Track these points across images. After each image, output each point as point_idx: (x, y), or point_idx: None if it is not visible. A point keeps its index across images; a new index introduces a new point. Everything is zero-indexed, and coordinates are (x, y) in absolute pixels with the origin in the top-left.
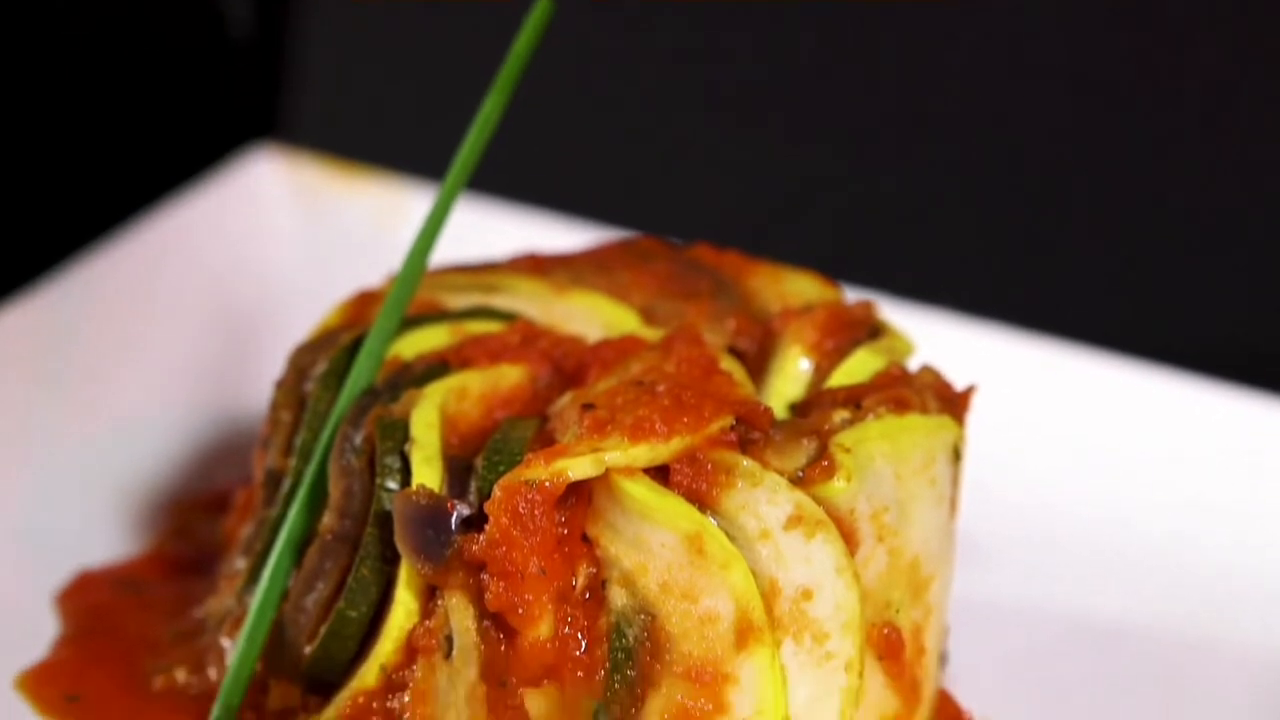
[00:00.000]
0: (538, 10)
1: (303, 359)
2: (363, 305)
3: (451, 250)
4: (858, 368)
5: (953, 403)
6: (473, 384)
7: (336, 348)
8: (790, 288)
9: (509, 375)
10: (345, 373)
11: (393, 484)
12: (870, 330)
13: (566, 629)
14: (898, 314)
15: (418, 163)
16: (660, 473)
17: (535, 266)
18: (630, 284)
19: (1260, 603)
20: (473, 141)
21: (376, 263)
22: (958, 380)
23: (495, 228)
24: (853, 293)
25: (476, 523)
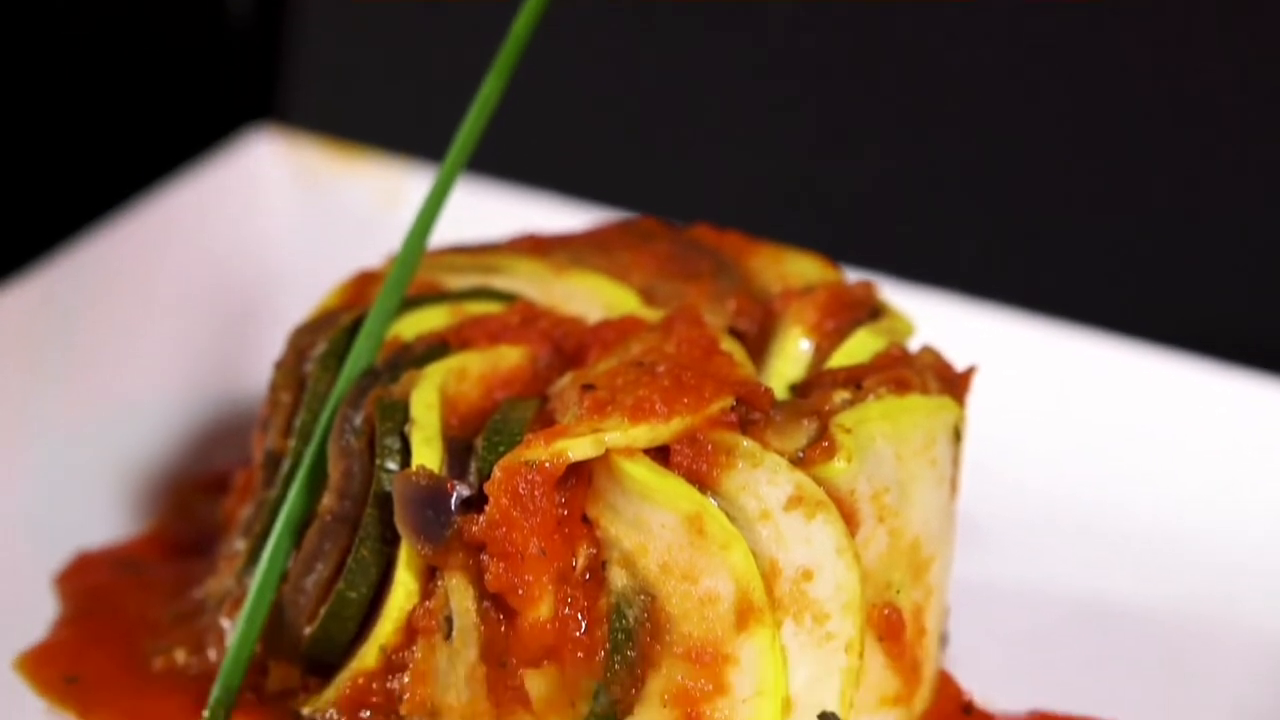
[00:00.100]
0: None
1: (302, 340)
2: (362, 286)
3: (451, 231)
4: (858, 348)
5: (953, 383)
6: (472, 365)
7: (336, 328)
8: (791, 268)
9: (509, 356)
10: (345, 354)
11: (392, 465)
12: (871, 311)
13: (566, 610)
14: (898, 295)
15: (417, 144)
16: (660, 453)
17: (535, 247)
18: (630, 264)
19: (1261, 585)
20: (472, 122)
21: (376, 244)
22: (958, 361)
23: (495, 209)
24: (853, 273)
25: (476, 503)
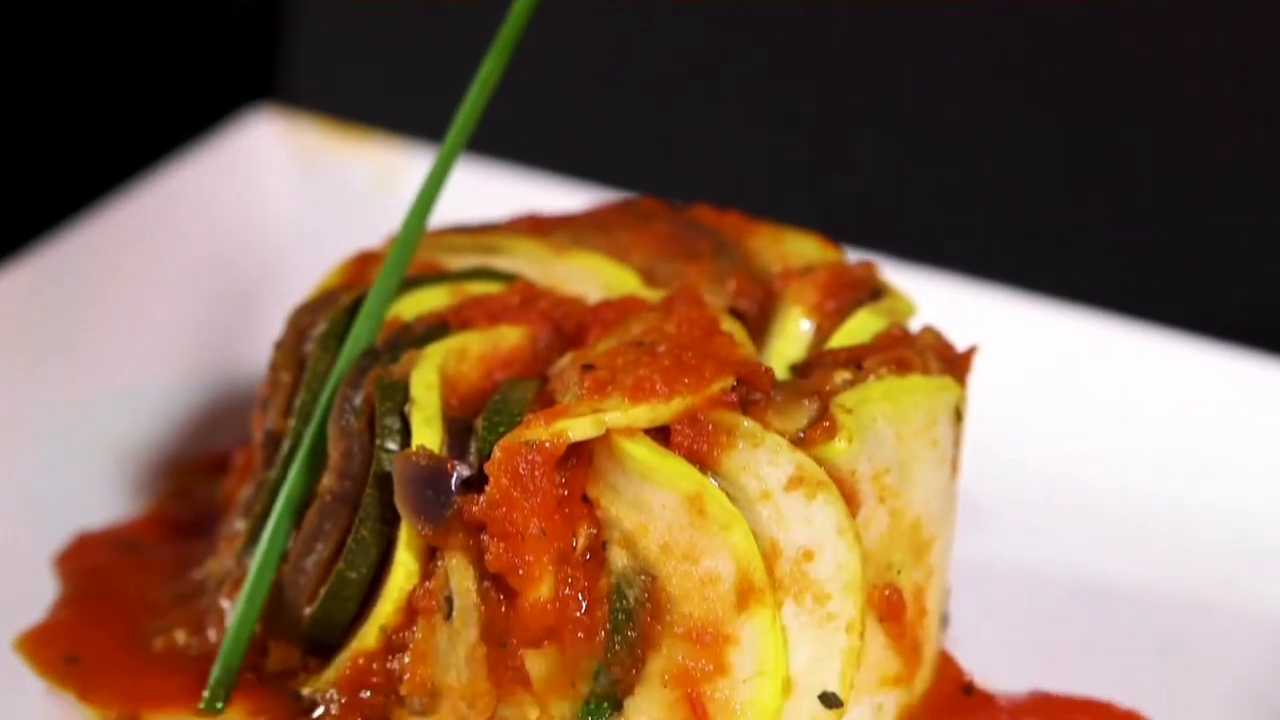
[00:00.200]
0: None
1: (302, 320)
2: (362, 266)
3: (451, 212)
4: (859, 328)
5: (954, 363)
6: (472, 345)
7: (336, 308)
8: (791, 248)
9: (509, 336)
10: (345, 334)
11: (392, 445)
12: (871, 291)
13: (567, 590)
14: (899, 275)
15: (417, 124)
16: (661, 433)
17: (535, 227)
18: (630, 245)
19: (1261, 564)
20: (472, 102)
21: (376, 224)
22: (959, 341)
23: (495, 189)
24: (854, 254)
25: (476, 484)
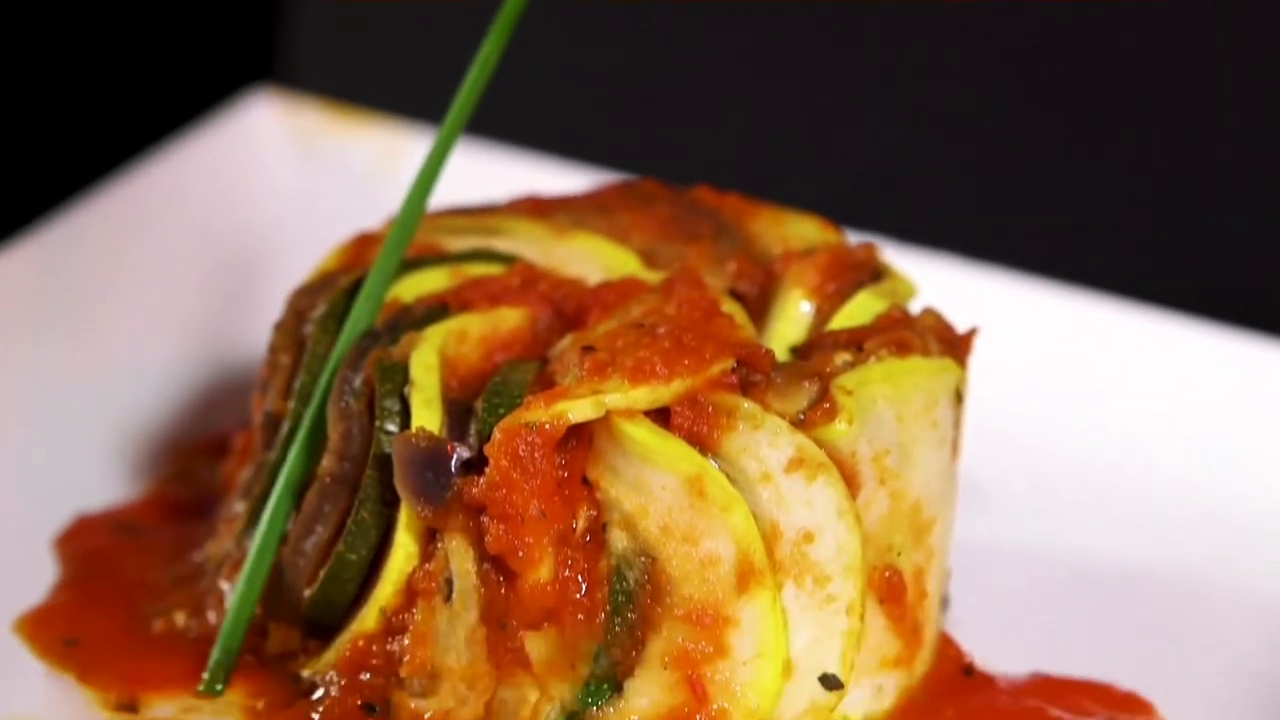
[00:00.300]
0: None
1: (301, 301)
2: (362, 248)
3: (451, 194)
4: (859, 310)
5: (955, 345)
6: (472, 326)
7: (335, 290)
8: (792, 230)
9: (509, 318)
10: (344, 315)
11: (392, 427)
12: (872, 273)
13: (567, 572)
14: (899, 257)
15: (416, 106)
16: (661, 415)
17: (535, 209)
18: (631, 226)
19: (1261, 545)
20: (471, 83)
21: (375, 206)
22: (960, 323)
23: (495, 171)
24: (854, 236)
25: (476, 465)
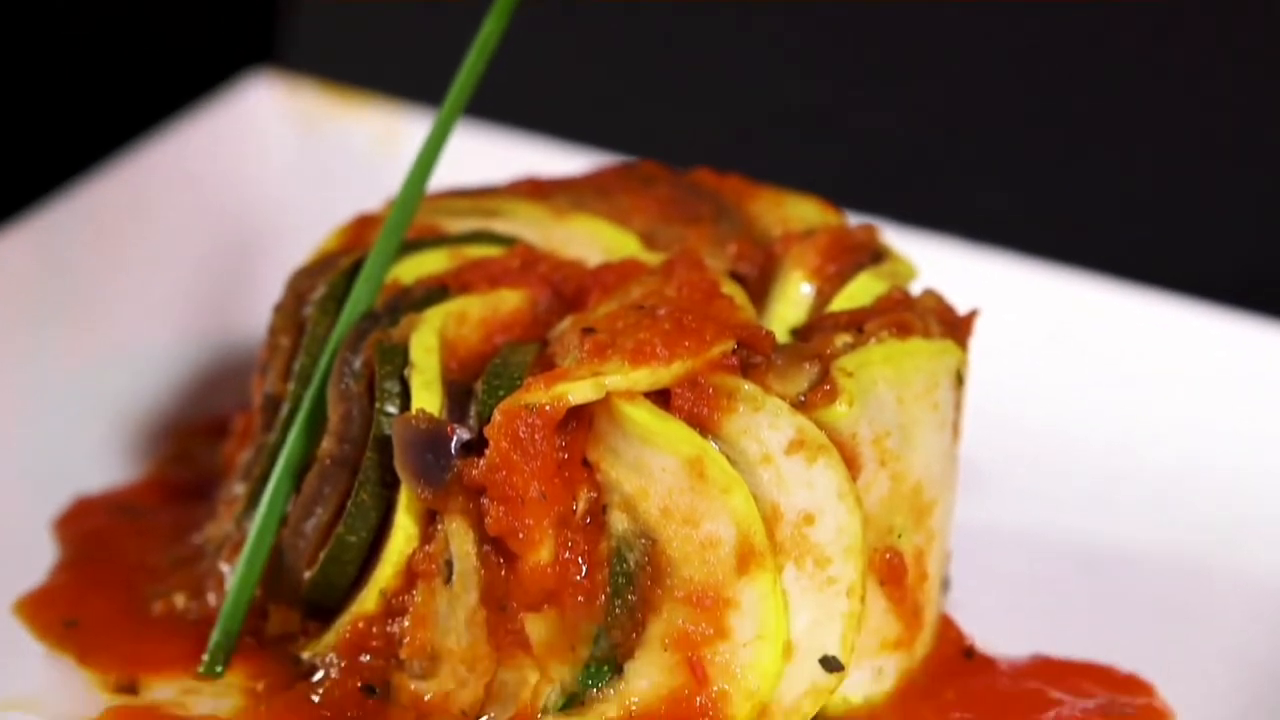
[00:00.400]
0: None
1: (301, 283)
2: (361, 229)
3: (451, 176)
4: (860, 292)
5: (955, 327)
6: (472, 308)
7: (335, 272)
8: (792, 212)
9: (509, 299)
10: (344, 297)
11: (392, 408)
12: (872, 254)
13: (567, 554)
14: (900, 239)
15: (416, 88)
16: (661, 397)
17: (535, 191)
18: (631, 208)
19: (1261, 528)
20: (471, 65)
21: (375, 187)
22: (960, 305)
23: (495, 153)
24: (855, 217)
25: (476, 447)
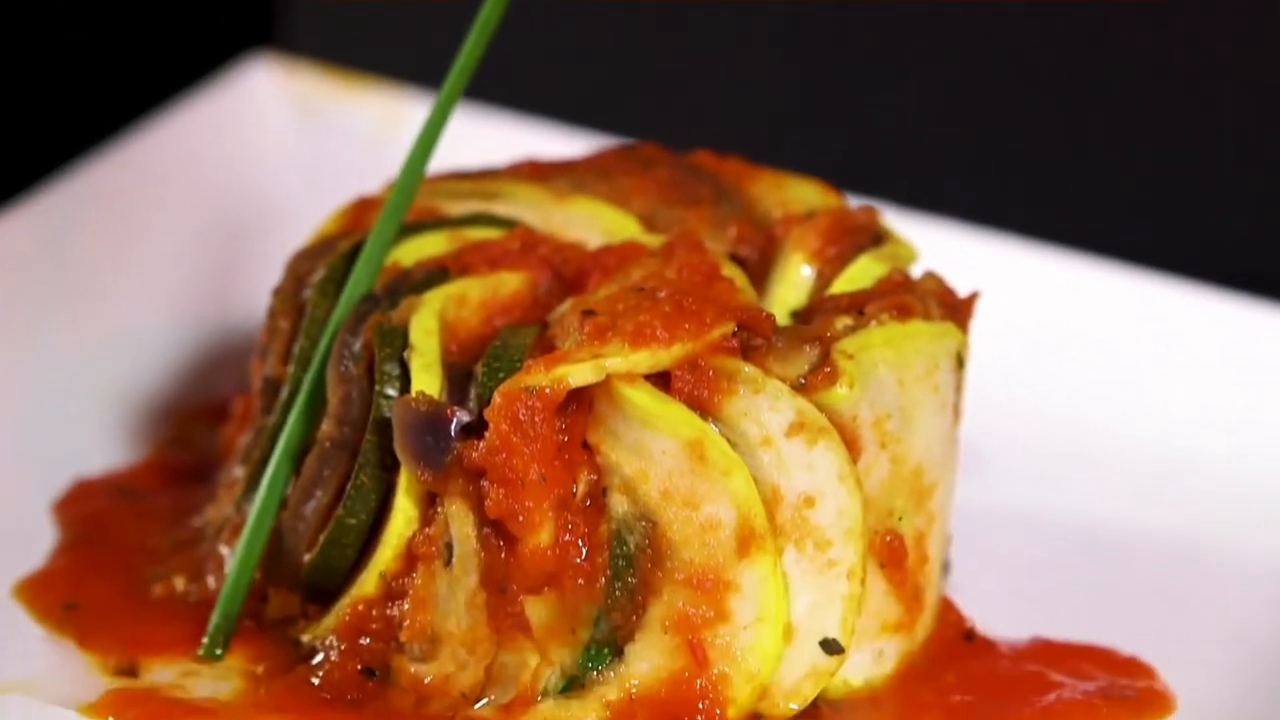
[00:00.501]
0: None
1: (301, 266)
2: (361, 212)
3: (452, 158)
4: (860, 274)
5: (956, 309)
6: (472, 291)
7: (335, 254)
8: (792, 194)
9: (509, 282)
10: (344, 279)
11: (392, 391)
12: (873, 237)
13: (567, 536)
14: (901, 221)
15: (416, 71)
16: (661, 379)
17: (536, 173)
18: (631, 190)
19: (1262, 511)
20: (471, 47)
21: (375, 170)
22: (961, 287)
23: (496, 136)
24: (855, 200)
25: (476, 429)
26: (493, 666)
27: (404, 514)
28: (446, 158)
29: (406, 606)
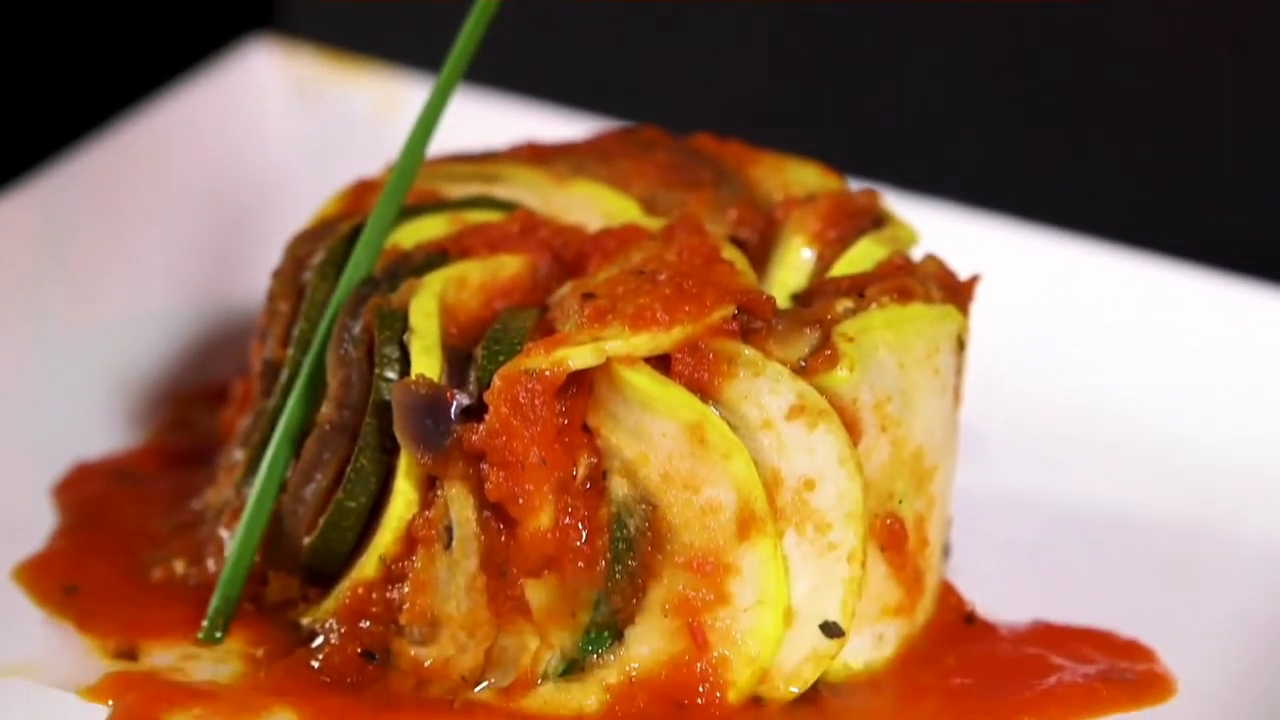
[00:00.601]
0: None
1: (300, 248)
2: (361, 194)
3: (452, 141)
4: (861, 257)
5: (957, 292)
6: (472, 273)
7: (334, 237)
8: (793, 177)
9: (508, 265)
10: (343, 262)
11: (391, 374)
12: (874, 219)
13: (567, 519)
14: (901, 204)
15: (416, 53)
16: (662, 362)
17: (536, 156)
18: (631, 173)
19: (1263, 494)
20: (470, 30)
21: (375, 153)
22: (962, 270)
23: (496, 118)
24: (856, 182)
25: (476, 412)
26: (493, 650)
27: (404, 497)
28: (446, 140)
29: (406, 589)
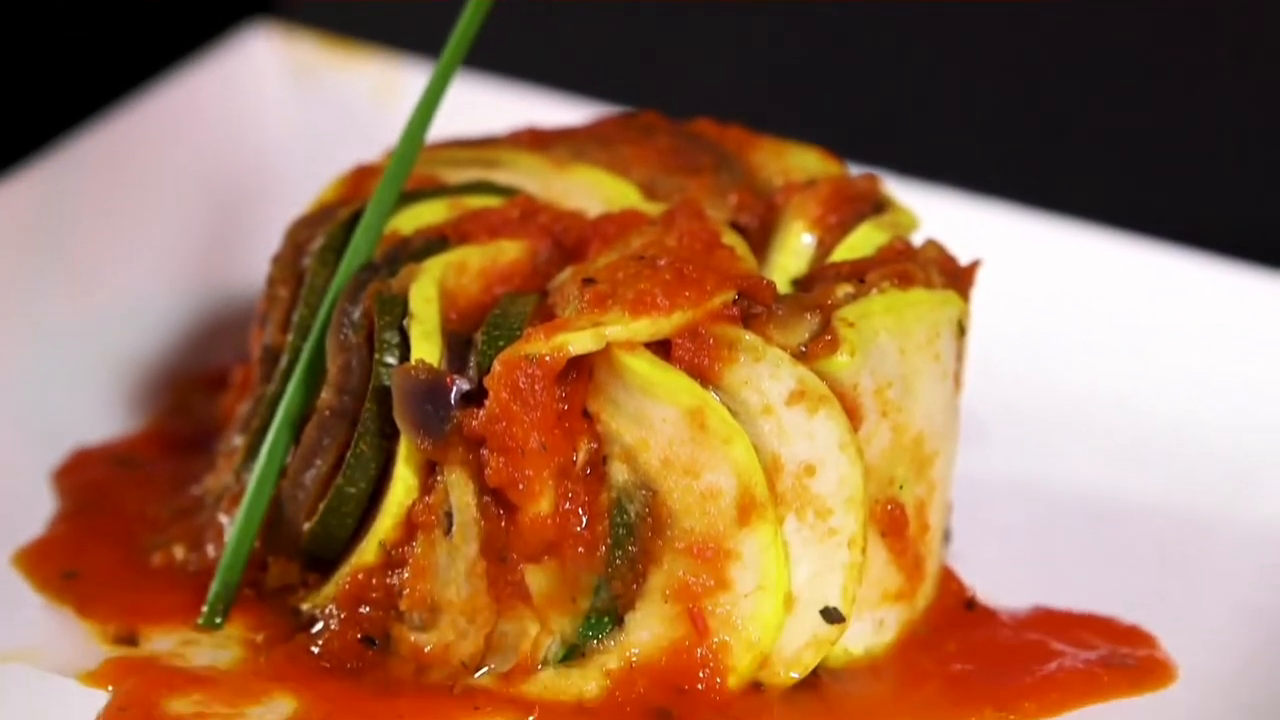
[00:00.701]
0: None
1: (300, 234)
2: (360, 180)
3: (451, 126)
4: (861, 242)
5: (957, 277)
6: (472, 259)
7: (334, 222)
8: (793, 162)
9: (508, 250)
10: (343, 248)
11: (391, 359)
12: (874, 205)
13: (567, 505)
14: (901, 189)
15: (415, 39)
16: (662, 347)
17: (536, 141)
18: (631, 158)
19: (1262, 478)
20: (470, 15)
21: (374, 139)
22: (962, 255)
23: (495, 104)
24: (856, 168)
25: (476, 398)
26: (493, 635)
27: (404, 482)
28: (446, 126)
29: (406, 575)
